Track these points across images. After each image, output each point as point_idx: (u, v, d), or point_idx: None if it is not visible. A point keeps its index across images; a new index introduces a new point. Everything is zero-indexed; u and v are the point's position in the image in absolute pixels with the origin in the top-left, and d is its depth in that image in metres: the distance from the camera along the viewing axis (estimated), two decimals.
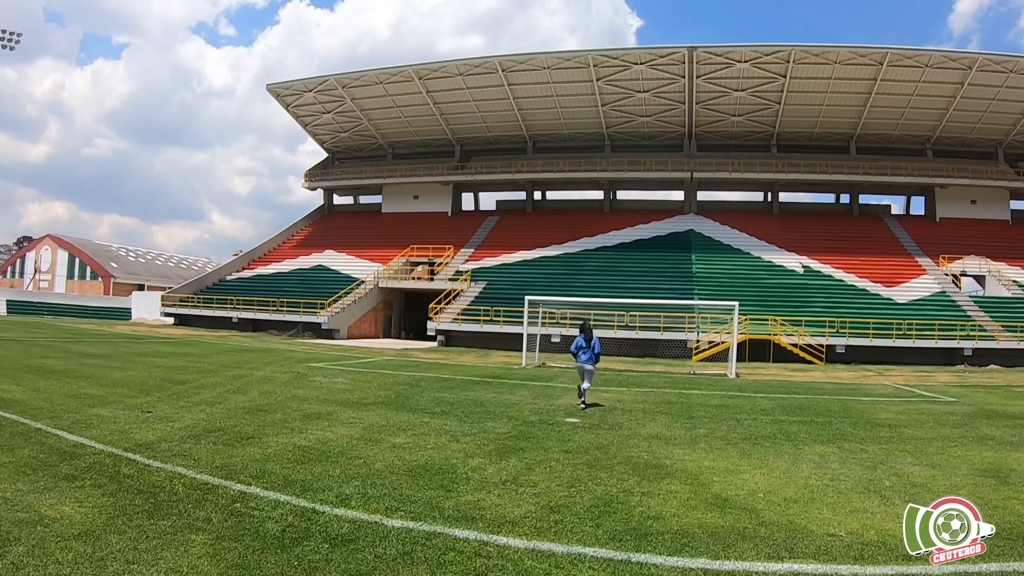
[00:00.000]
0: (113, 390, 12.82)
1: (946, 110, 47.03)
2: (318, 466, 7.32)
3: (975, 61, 42.92)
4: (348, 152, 62.37)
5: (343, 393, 13.96)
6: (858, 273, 40.67)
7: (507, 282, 41.74)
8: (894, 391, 19.16)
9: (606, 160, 52.85)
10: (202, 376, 16.03)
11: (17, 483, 6.13)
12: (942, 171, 48.21)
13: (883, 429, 11.33)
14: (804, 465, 8.16)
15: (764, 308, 34.49)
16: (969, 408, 14.94)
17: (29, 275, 77.41)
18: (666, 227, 49.09)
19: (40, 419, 9.38)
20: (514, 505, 6.06)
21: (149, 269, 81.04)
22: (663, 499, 6.41)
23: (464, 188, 58.30)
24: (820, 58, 44.14)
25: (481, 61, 48.88)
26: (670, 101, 49.38)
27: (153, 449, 7.81)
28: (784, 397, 16.43)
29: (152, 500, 5.78)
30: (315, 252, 52.64)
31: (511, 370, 22.53)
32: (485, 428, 10.19)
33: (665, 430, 10.57)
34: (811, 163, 49.38)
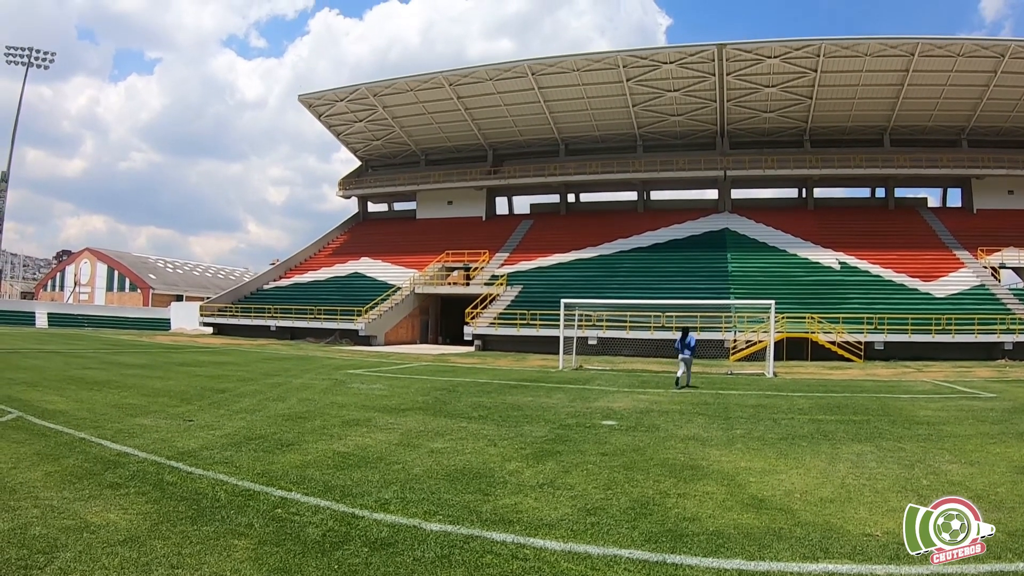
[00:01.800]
0: (154, 400, 13.08)
1: (980, 99, 46.07)
2: (357, 472, 7.42)
3: (1008, 48, 41.98)
4: (381, 160, 62.88)
5: (381, 399, 14.09)
6: (895, 268, 39.99)
7: (542, 285, 41.76)
8: (933, 388, 18.85)
9: (638, 160, 52.67)
10: (241, 384, 16.28)
11: (63, 491, 6.31)
12: (978, 161, 47.25)
13: (921, 427, 11.18)
14: (841, 464, 8.10)
15: (801, 306, 34.10)
16: (1009, 404, 14.67)
17: (69, 288, 79.07)
18: (700, 226, 48.76)
19: (84, 429, 9.62)
20: (551, 508, 6.10)
21: (187, 280, 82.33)
22: (699, 500, 6.42)
23: (497, 192, 58.48)
24: (850, 51, 43.57)
25: (511, 65, 48.99)
26: (701, 99, 49.08)
27: (195, 457, 7.98)
28: (822, 396, 16.25)
29: (195, 506, 5.92)
30: (351, 260, 53.15)
31: (548, 373, 22.55)
32: (522, 432, 10.24)
33: (702, 431, 10.54)
34: (845, 157, 48.82)
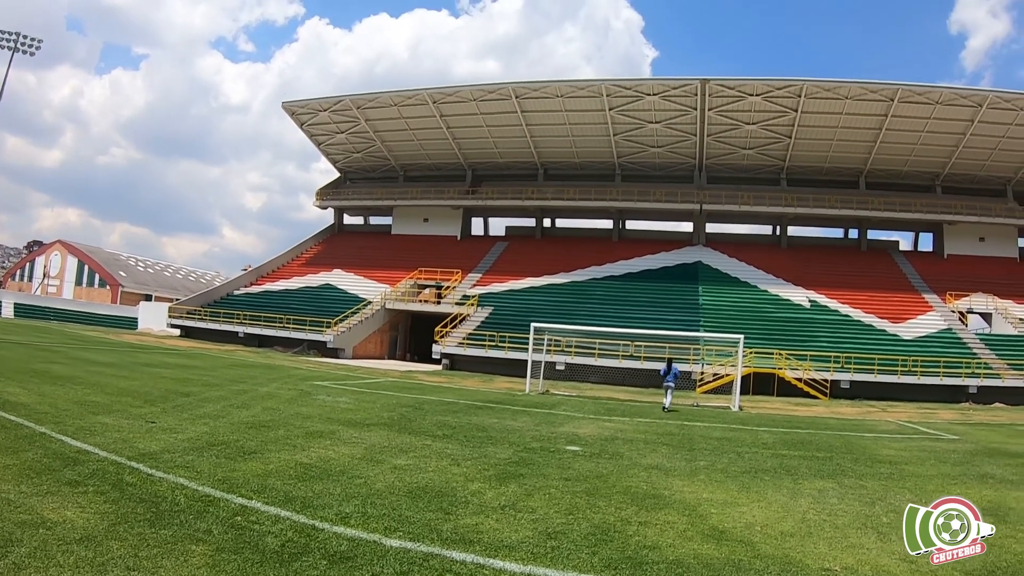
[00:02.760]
0: (117, 399, 12.90)
1: (956, 147, 47.19)
2: (319, 484, 7.35)
3: (986, 99, 43.11)
4: (360, 172, 62.79)
5: (346, 412, 13.99)
6: (865, 308, 40.54)
7: (514, 308, 41.78)
8: (897, 427, 19.09)
9: (616, 189, 53.09)
10: (206, 389, 16.10)
11: (21, 485, 6.20)
12: (951, 208, 48.23)
13: (884, 465, 11.30)
14: (803, 500, 8.16)
15: (770, 341, 34.41)
16: (971, 446, 14.87)
17: (38, 279, 77.89)
18: (674, 258, 49.14)
19: (45, 423, 9.47)
20: (512, 530, 6.08)
21: (158, 280, 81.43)
22: (660, 529, 6.42)
23: (474, 213, 58.55)
24: (831, 93, 44.45)
25: (495, 87, 49.36)
26: (682, 132, 49.69)
27: (156, 459, 7.87)
28: (786, 431, 16.36)
29: (154, 509, 5.83)
30: (323, 271, 52.84)
31: (514, 396, 22.53)
32: (486, 453, 10.21)
33: (665, 461, 10.56)
34: (820, 197, 49.51)
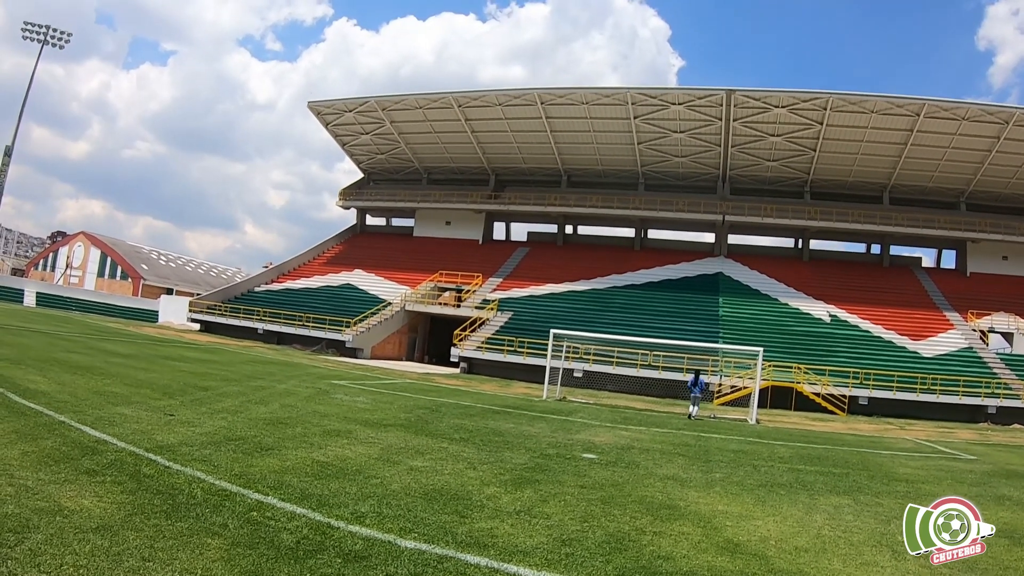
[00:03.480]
0: (137, 390, 13.02)
1: (981, 164, 46.71)
2: (335, 482, 7.37)
3: (1012, 115, 42.68)
4: (383, 174, 63.08)
5: (364, 412, 14.03)
6: (885, 325, 40.17)
7: (533, 314, 41.79)
8: (914, 446, 18.88)
9: (639, 198, 52.97)
10: (225, 384, 16.21)
11: (39, 472, 6.26)
12: (975, 225, 47.72)
13: (900, 484, 11.18)
14: (818, 515, 8.08)
15: (789, 355, 34.18)
16: (989, 467, 14.69)
17: (60, 270, 78.69)
18: (695, 268, 48.97)
19: (64, 412, 9.55)
20: (526, 535, 6.07)
21: (179, 274, 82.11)
22: (674, 540, 6.39)
23: (496, 217, 58.66)
24: (857, 107, 44.16)
25: (521, 92, 49.46)
26: (706, 143, 49.55)
27: (174, 452, 7.92)
28: (803, 446, 16.24)
29: (171, 501, 5.87)
30: (344, 270, 53.04)
31: (531, 402, 22.51)
32: (502, 458, 10.20)
33: (681, 472, 10.51)
34: (843, 211, 49.12)
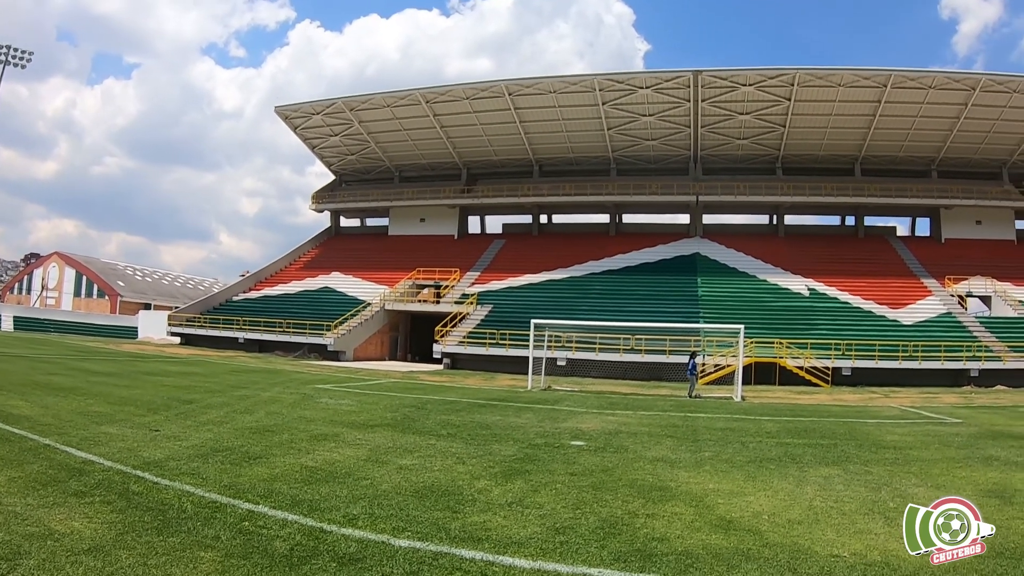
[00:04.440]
0: (120, 408, 12.91)
1: (950, 131, 47.16)
2: (325, 486, 7.36)
3: (978, 82, 43.11)
4: (355, 175, 62.71)
5: (349, 415, 14.00)
6: (864, 295, 40.57)
7: (513, 305, 41.76)
8: (900, 413, 19.09)
9: (612, 184, 52.99)
10: (209, 396, 16.10)
11: (27, 498, 6.21)
12: (947, 192, 48.22)
13: (888, 451, 11.31)
14: (808, 487, 8.17)
15: (770, 331, 34.40)
16: (975, 429, 14.90)
17: (36, 292, 77.59)
18: (672, 250, 49.12)
19: (49, 435, 9.47)
20: (520, 526, 6.09)
21: (156, 288, 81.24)
22: (668, 521, 6.43)
23: (470, 211, 58.48)
24: (824, 81, 44.40)
25: (488, 85, 49.28)
26: (676, 125, 49.65)
27: (161, 467, 7.87)
28: (789, 420, 16.37)
29: (161, 517, 5.84)
30: (322, 274, 52.74)
31: (517, 393, 22.53)
32: (491, 450, 10.22)
33: (670, 453, 10.57)
34: (816, 185, 49.36)
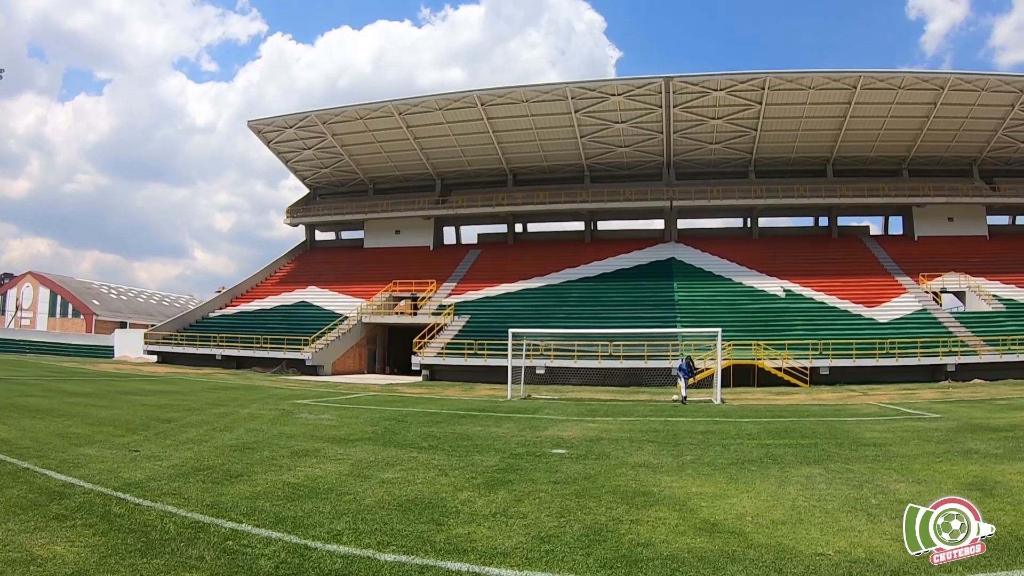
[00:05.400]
0: (99, 429, 12.78)
1: (920, 130, 47.84)
2: (308, 503, 7.32)
3: (947, 81, 43.79)
4: (329, 188, 62.45)
5: (330, 430, 13.92)
6: (839, 295, 40.95)
7: (490, 315, 41.74)
8: (879, 410, 19.27)
9: (586, 191, 53.16)
10: (188, 414, 15.95)
11: (8, 523, 6.14)
12: (918, 190, 48.82)
13: (868, 448, 11.43)
14: (791, 487, 8.24)
15: (747, 333, 34.67)
16: (953, 423, 15.09)
17: (10, 312, 76.66)
18: (647, 256, 49.30)
19: (27, 458, 9.38)
20: (505, 536, 6.09)
21: (131, 306, 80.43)
22: (652, 526, 6.46)
23: (445, 222, 58.41)
24: (795, 84, 44.91)
25: (460, 96, 49.27)
26: (648, 131, 49.95)
27: (142, 488, 7.80)
28: (769, 421, 16.51)
29: (144, 539, 5.78)
30: (298, 288, 52.41)
31: (497, 403, 22.51)
32: (473, 461, 10.20)
33: (652, 458, 10.61)
34: (789, 187, 49.89)
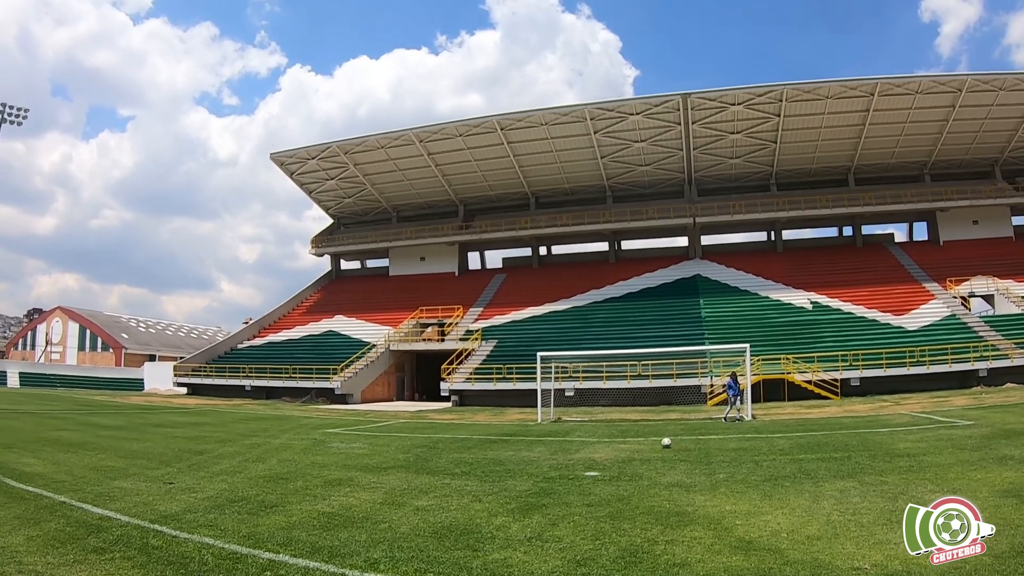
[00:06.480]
0: (132, 462, 12.93)
1: (940, 134, 47.53)
2: (344, 532, 7.35)
3: (964, 83, 43.49)
4: (353, 217, 63.11)
5: (362, 458, 13.96)
6: (866, 304, 40.57)
7: (518, 339, 41.82)
8: (911, 420, 19.04)
9: (608, 211, 53.36)
10: (220, 446, 16.08)
11: (47, 556, 6.22)
12: (941, 195, 48.38)
13: (902, 459, 11.29)
14: (825, 502, 8.16)
15: (775, 347, 34.42)
16: (987, 430, 14.88)
17: (40, 347, 77.74)
18: (672, 274, 49.31)
19: (63, 492, 9.48)
20: (541, 561, 6.09)
21: (160, 339, 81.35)
22: (687, 546, 6.43)
23: (469, 247, 58.81)
24: (812, 94, 44.87)
25: (479, 121, 49.73)
26: (668, 148, 50.04)
27: (179, 520, 7.87)
28: (801, 435, 16.34)
29: (183, 570, 5.85)
30: (325, 318, 52.87)
31: (527, 427, 22.45)
32: (506, 486, 10.18)
33: (685, 477, 10.54)
34: (811, 198, 49.76)
